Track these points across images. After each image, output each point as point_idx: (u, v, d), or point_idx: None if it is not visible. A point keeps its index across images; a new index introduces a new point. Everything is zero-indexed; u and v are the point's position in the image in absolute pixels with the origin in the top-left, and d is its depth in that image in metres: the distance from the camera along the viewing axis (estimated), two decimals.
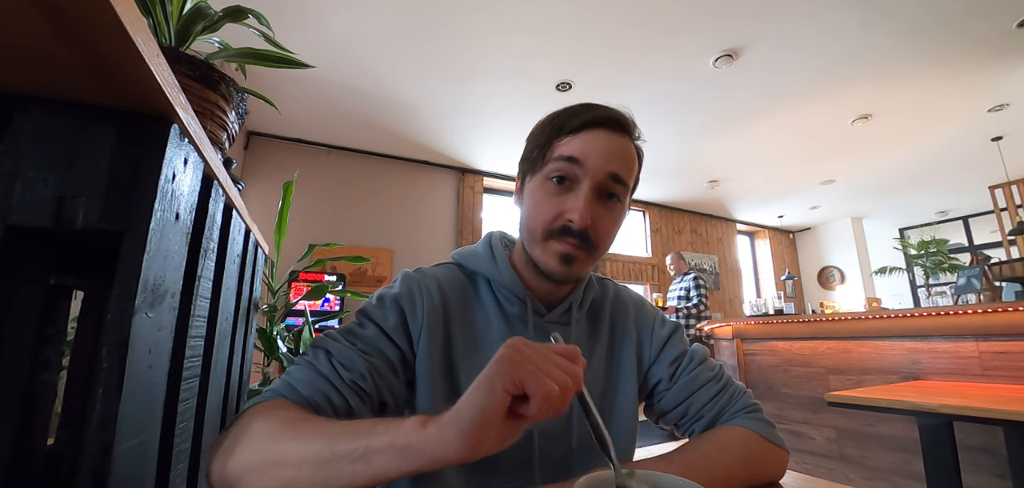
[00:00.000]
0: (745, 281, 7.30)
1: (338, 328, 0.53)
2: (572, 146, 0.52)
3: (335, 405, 0.45)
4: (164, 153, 0.42)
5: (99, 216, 0.39)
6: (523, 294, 0.58)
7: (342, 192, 4.14)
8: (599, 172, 0.51)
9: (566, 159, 0.51)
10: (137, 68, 0.34)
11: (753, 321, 2.61)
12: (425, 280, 0.58)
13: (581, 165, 0.51)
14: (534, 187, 0.55)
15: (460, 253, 0.64)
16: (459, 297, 0.59)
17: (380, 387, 0.49)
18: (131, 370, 0.39)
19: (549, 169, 0.53)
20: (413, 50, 2.84)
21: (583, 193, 0.51)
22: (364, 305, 0.55)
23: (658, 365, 0.62)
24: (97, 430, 0.37)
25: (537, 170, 0.55)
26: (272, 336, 1.49)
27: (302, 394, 0.44)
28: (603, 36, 2.73)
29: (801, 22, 2.63)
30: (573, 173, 0.52)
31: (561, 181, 0.52)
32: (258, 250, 0.97)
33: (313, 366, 0.47)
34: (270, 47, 0.77)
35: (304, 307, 1.85)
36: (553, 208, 0.52)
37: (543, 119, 0.57)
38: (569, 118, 0.53)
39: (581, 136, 0.52)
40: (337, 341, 0.49)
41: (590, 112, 0.53)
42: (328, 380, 0.46)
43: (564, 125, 0.53)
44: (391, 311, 0.54)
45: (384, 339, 0.52)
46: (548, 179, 0.53)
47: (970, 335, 1.81)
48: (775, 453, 0.55)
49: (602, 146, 0.52)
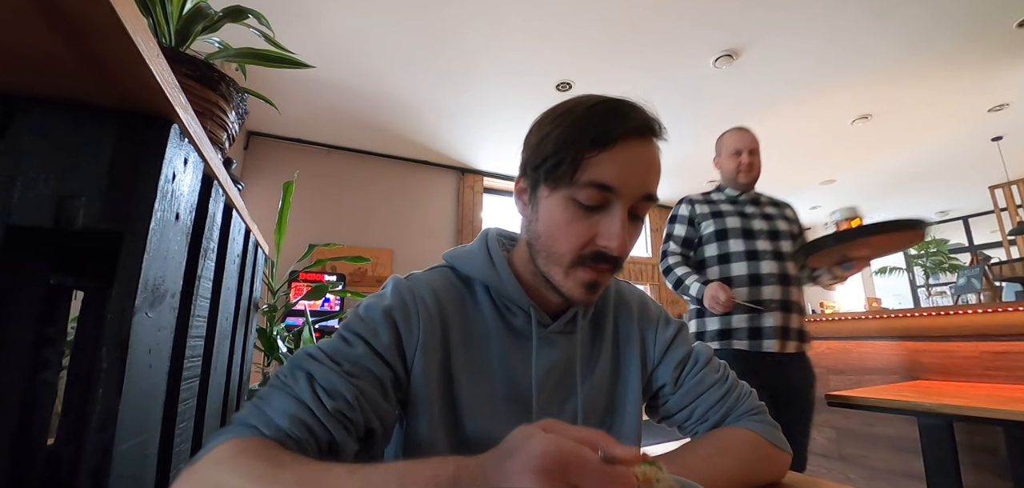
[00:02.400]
0: None
1: (322, 345, 0.47)
2: (608, 169, 0.45)
3: (317, 437, 0.40)
4: (164, 153, 0.42)
5: (99, 216, 0.39)
6: (527, 305, 0.54)
7: (342, 192, 4.14)
8: (635, 196, 0.47)
9: (600, 187, 0.45)
10: (137, 68, 0.34)
11: None
12: (419, 289, 0.52)
13: (615, 192, 0.46)
14: (555, 205, 0.48)
15: (453, 255, 0.58)
16: (456, 306, 0.54)
17: (368, 414, 0.44)
18: (131, 370, 0.39)
19: (580, 194, 0.46)
20: (413, 50, 2.84)
21: (619, 218, 0.46)
22: (351, 318, 0.49)
23: (663, 368, 0.60)
24: (97, 430, 0.37)
25: (560, 186, 0.47)
26: (272, 336, 1.49)
27: (280, 427, 0.39)
28: (603, 36, 2.73)
29: (801, 22, 2.63)
30: (607, 199, 0.46)
31: (593, 208, 0.47)
32: (258, 250, 0.97)
33: (292, 392, 0.41)
34: (270, 47, 0.77)
35: (304, 307, 1.85)
36: (583, 233, 0.47)
37: (561, 115, 0.49)
38: (601, 125, 0.46)
39: (616, 152, 0.45)
40: (320, 362, 0.44)
41: (625, 120, 0.46)
42: (309, 409, 0.40)
43: (596, 136, 0.45)
44: (383, 327, 0.48)
45: (374, 359, 0.46)
46: (574, 200, 0.47)
47: (970, 335, 1.81)
48: (778, 456, 0.55)
49: (639, 162, 0.47)
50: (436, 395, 0.49)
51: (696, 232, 1.56)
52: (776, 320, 1.40)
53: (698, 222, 1.56)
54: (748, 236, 1.47)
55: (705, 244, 1.54)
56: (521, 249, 0.55)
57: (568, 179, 0.46)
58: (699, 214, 1.56)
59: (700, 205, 1.58)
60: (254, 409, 0.40)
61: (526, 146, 0.53)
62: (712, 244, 1.52)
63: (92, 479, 0.36)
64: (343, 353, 0.45)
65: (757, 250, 1.46)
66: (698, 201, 1.59)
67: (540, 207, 0.50)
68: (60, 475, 0.42)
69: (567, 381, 0.55)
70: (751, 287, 1.42)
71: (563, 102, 0.51)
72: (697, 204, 1.58)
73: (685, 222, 1.59)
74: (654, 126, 0.48)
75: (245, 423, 0.39)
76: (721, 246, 1.50)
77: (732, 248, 1.47)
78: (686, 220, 1.59)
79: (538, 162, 0.49)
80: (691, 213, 1.58)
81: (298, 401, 0.41)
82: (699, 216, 1.56)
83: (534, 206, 0.51)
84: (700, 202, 1.59)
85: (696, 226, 1.56)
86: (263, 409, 0.40)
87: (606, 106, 0.47)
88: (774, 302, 1.41)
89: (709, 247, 1.52)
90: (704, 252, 1.54)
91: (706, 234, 1.54)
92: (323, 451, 0.41)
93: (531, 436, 0.28)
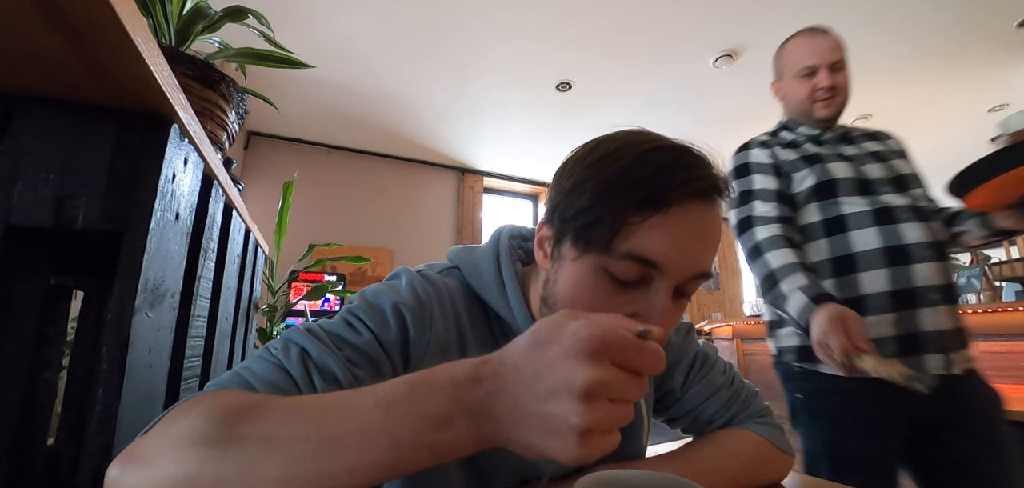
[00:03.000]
0: (745, 281, 7.30)
1: (322, 324, 0.42)
2: (656, 241, 0.35)
3: None
4: (164, 153, 0.42)
5: (99, 216, 0.39)
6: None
7: (342, 192, 4.14)
8: (686, 276, 0.37)
9: (641, 261, 0.36)
10: (137, 68, 0.34)
11: (753, 321, 2.60)
12: (438, 293, 0.47)
13: (661, 270, 0.36)
14: (581, 272, 0.39)
15: (462, 260, 0.52)
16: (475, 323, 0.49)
17: None
18: (131, 370, 0.39)
19: (615, 266, 0.37)
20: (413, 50, 2.84)
21: (661, 301, 0.37)
22: (358, 303, 0.44)
23: (672, 371, 0.58)
24: (97, 430, 0.37)
25: (591, 251, 0.38)
26: (272, 336, 1.49)
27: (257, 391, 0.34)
28: (603, 36, 2.73)
29: (802, 22, 2.63)
30: (648, 275, 0.37)
31: (630, 284, 0.37)
32: (258, 250, 0.97)
33: (280, 364, 0.36)
34: (270, 47, 0.77)
35: (304, 307, 1.85)
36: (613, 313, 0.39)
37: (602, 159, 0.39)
38: (654, 181, 0.36)
39: (670, 219, 0.35)
40: (319, 341, 0.38)
41: (687, 177, 0.36)
42: (295, 384, 0.35)
43: (647, 196, 0.35)
44: (393, 321, 0.43)
45: (379, 350, 0.41)
46: (607, 271, 0.37)
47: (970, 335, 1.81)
48: (782, 459, 0.55)
49: (697, 235, 0.37)
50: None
51: (787, 186, 0.97)
52: (940, 321, 0.83)
53: (787, 172, 0.97)
54: (866, 190, 0.90)
55: (802, 207, 0.95)
56: (537, 294, 0.47)
57: (603, 245, 0.36)
58: (784, 161, 0.98)
59: (781, 149, 1.00)
60: (234, 375, 0.36)
61: (556, 188, 0.43)
62: (813, 206, 0.93)
63: (92, 479, 0.37)
64: (346, 338, 0.40)
65: (890, 208, 0.88)
66: (774, 144, 1.02)
67: (563, 268, 0.40)
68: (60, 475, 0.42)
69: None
70: (893, 269, 0.84)
71: (607, 138, 0.41)
72: (775, 147, 1.01)
73: (769, 171, 0.98)
74: (721, 185, 0.38)
75: (219, 384, 0.35)
76: (827, 207, 0.91)
77: (846, 209, 0.90)
78: (771, 169, 0.98)
79: (569, 215, 0.39)
80: (774, 158, 0.99)
81: (285, 373, 0.36)
82: (786, 164, 0.98)
83: (556, 263, 0.41)
84: (778, 145, 1.01)
85: (786, 178, 0.97)
86: (242, 374, 0.35)
87: (663, 155, 0.37)
88: (934, 292, 0.83)
89: (809, 210, 0.94)
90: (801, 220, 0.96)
91: (803, 191, 0.94)
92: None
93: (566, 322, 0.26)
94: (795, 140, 1.03)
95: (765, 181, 0.97)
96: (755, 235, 0.92)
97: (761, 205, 0.94)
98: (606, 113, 3.67)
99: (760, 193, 0.96)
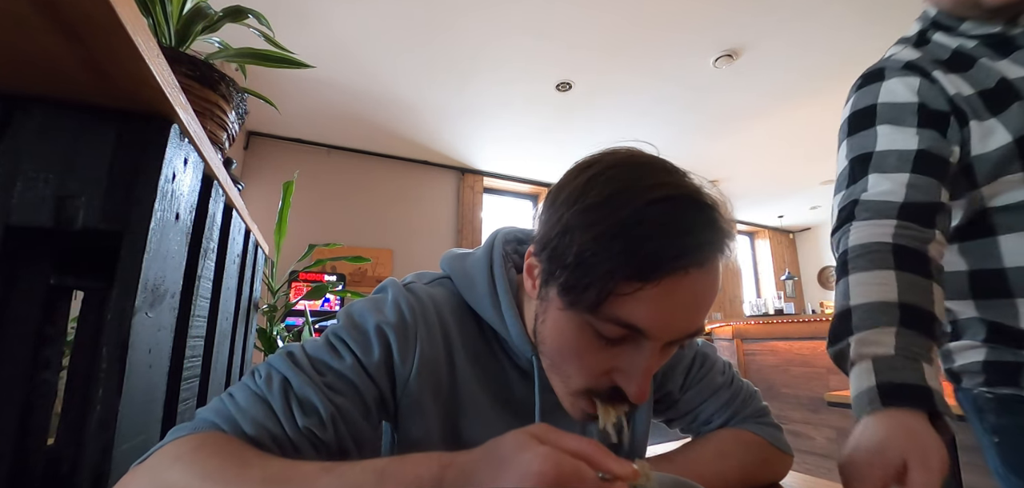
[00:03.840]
0: (745, 281, 7.30)
1: (306, 347, 0.42)
2: (644, 311, 0.33)
3: (282, 448, 0.36)
4: (164, 153, 0.42)
5: (99, 216, 0.39)
6: (529, 357, 0.46)
7: (342, 192, 4.15)
8: (673, 337, 0.36)
9: (627, 327, 0.34)
10: (137, 68, 0.34)
11: (753, 321, 2.61)
12: (424, 308, 0.46)
13: (647, 334, 0.35)
14: (567, 325, 0.37)
15: (454, 270, 0.50)
16: (464, 331, 0.48)
17: (342, 435, 0.39)
18: (131, 370, 0.39)
19: (602, 328, 0.35)
20: (413, 50, 2.84)
21: (645, 363, 0.35)
22: (343, 322, 0.44)
23: (671, 373, 0.57)
24: (97, 430, 0.37)
25: (578, 306, 0.35)
26: (272, 336, 1.49)
27: (243, 431, 0.35)
28: (603, 36, 2.73)
29: (801, 22, 2.63)
30: (634, 337, 0.35)
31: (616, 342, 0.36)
32: (258, 250, 0.97)
33: (262, 395, 0.37)
34: (270, 47, 0.77)
35: (304, 307, 1.85)
36: (599, 365, 0.38)
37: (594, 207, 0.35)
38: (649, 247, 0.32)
39: (661, 290, 0.33)
40: (300, 370, 0.39)
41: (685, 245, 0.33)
42: (277, 419, 0.36)
43: (640, 265, 0.32)
44: (376, 343, 0.42)
45: (362, 375, 0.41)
46: (593, 327, 0.36)
47: None
48: (780, 459, 0.55)
49: (689, 304, 0.35)
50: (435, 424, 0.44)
51: (948, 144, 0.54)
52: None
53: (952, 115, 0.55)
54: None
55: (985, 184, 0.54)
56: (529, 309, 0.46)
57: (591, 300, 0.34)
58: (945, 93, 0.56)
59: (939, 71, 0.58)
60: (220, 405, 0.37)
61: (545, 219, 0.40)
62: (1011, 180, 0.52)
63: (92, 479, 0.37)
64: (328, 364, 0.41)
65: None
66: (924, 63, 0.60)
67: (550, 312, 0.39)
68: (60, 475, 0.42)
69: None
70: None
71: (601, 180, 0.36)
72: (925, 72, 0.59)
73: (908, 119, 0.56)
74: (726, 245, 0.35)
75: (207, 419, 0.36)
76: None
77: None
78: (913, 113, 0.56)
79: (556, 264, 0.37)
80: (922, 94, 0.57)
81: (267, 407, 0.37)
82: (958, 96, 0.55)
83: (544, 302, 0.40)
84: (932, 64, 0.59)
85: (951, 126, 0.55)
86: (228, 407, 0.37)
87: (660, 214, 0.33)
88: None
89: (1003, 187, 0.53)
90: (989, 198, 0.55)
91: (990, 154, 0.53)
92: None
93: (526, 447, 0.26)
94: (961, 49, 0.58)
95: (897, 137, 0.55)
96: (848, 238, 0.54)
97: (878, 183, 0.54)
98: (606, 113, 3.67)
99: (883, 160, 0.55)
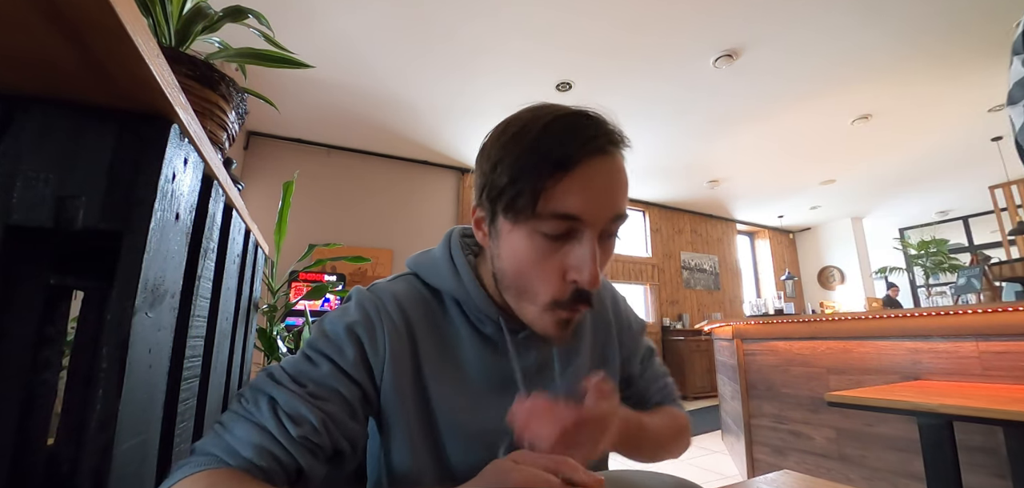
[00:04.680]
0: (745, 281, 7.30)
1: (285, 365, 0.45)
2: (571, 198, 0.42)
3: (284, 465, 0.39)
4: (164, 153, 0.42)
5: (99, 216, 0.39)
6: (496, 315, 0.51)
7: (342, 192, 4.14)
8: (604, 221, 0.43)
9: (565, 217, 0.42)
10: (137, 68, 0.34)
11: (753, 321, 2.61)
12: (383, 300, 0.50)
13: (582, 222, 0.42)
14: (518, 241, 0.44)
15: (417, 263, 0.56)
16: (423, 315, 0.52)
17: (335, 436, 0.43)
18: (131, 370, 0.39)
19: (545, 227, 0.43)
20: (413, 50, 2.84)
21: (590, 249, 0.43)
22: (315, 335, 0.48)
23: (632, 359, 0.67)
24: (97, 430, 0.37)
25: (521, 220, 0.43)
26: (272, 336, 1.49)
27: (245, 457, 0.38)
28: (603, 36, 2.73)
29: (801, 22, 2.63)
30: (574, 227, 0.43)
31: (561, 237, 0.43)
32: (258, 250, 0.97)
33: (255, 419, 0.40)
34: (270, 47, 0.77)
35: (304, 307, 1.85)
36: (554, 269, 0.44)
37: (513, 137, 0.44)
38: (560, 147, 0.42)
39: (579, 175, 0.42)
40: (283, 386, 0.42)
41: (586, 137, 0.42)
42: (273, 437, 0.39)
43: (557, 160, 0.41)
44: (347, 344, 0.46)
45: (341, 377, 0.45)
46: (539, 233, 0.43)
47: (970, 335, 1.81)
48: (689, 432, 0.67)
49: (605, 186, 0.43)
50: (411, 406, 0.48)
51: None
52: None
53: None
54: None
55: None
56: (487, 268, 0.52)
57: (529, 211, 0.42)
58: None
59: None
60: (216, 438, 0.40)
61: (479, 171, 0.48)
62: None
63: (92, 479, 0.37)
64: (307, 374, 0.44)
65: None
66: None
67: (502, 242, 0.46)
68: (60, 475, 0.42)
69: (544, 379, 0.55)
70: None
71: (514, 118, 0.46)
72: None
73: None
74: (616, 138, 0.44)
75: (208, 453, 0.38)
76: None
77: None
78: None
79: (494, 193, 0.45)
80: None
81: (262, 429, 0.40)
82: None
83: (495, 239, 0.47)
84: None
85: None
86: (225, 438, 0.39)
87: (563, 123, 0.43)
88: None
89: None
90: None
91: None
92: (291, 478, 0.40)
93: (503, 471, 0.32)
94: None
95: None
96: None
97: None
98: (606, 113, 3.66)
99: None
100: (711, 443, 3.48)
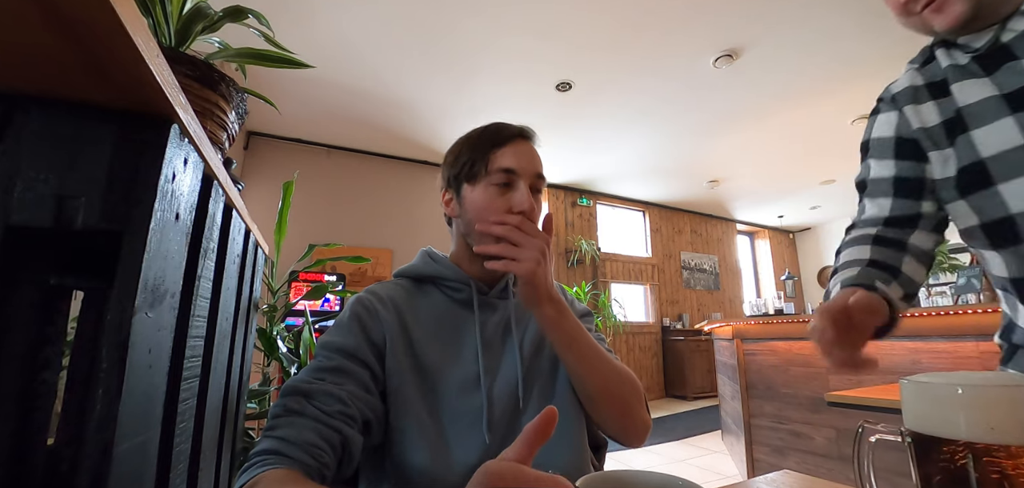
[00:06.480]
0: (745, 281, 7.31)
1: (305, 372, 0.55)
2: (508, 158, 0.64)
3: (331, 442, 0.48)
4: (164, 153, 0.42)
5: (99, 216, 0.39)
6: (467, 280, 0.68)
7: (342, 192, 4.14)
8: (530, 175, 0.65)
9: (505, 170, 0.64)
10: (137, 68, 0.34)
11: (753, 321, 2.61)
12: (375, 293, 0.65)
13: (517, 173, 0.64)
14: (477, 194, 0.65)
15: (401, 271, 0.73)
16: (408, 298, 0.67)
17: (362, 408, 0.54)
18: (131, 370, 0.39)
19: (494, 178, 0.64)
20: (413, 50, 2.84)
21: (524, 189, 0.64)
22: (322, 341, 0.59)
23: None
24: (97, 430, 0.37)
25: (478, 179, 0.65)
26: (272, 336, 1.49)
27: (299, 446, 0.46)
28: (603, 36, 2.73)
29: (801, 22, 2.63)
30: (512, 180, 0.64)
31: (504, 186, 0.64)
32: (258, 250, 0.97)
33: (297, 413, 0.49)
34: (270, 47, 0.77)
35: (304, 307, 1.85)
36: (502, 206, 0.63)
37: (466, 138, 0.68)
38: (496, 134, 0.66)
39: (511, 148, 0.65)
40: (310, 383, 0.53)
41: (513, 130, 0.67)
42: (316, 420, 0.49)
43: (496, 140, 0.65)
44: (351, 332, 0.59)
45: (353, 362, 0.56)
46: (491, 185, 0.64)
47: (970, 335, 1.81)
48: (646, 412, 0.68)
49: (528, 153, 0.66)
50: (409, 373, 0.60)
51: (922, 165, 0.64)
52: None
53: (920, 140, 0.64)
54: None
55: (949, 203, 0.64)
56: (459, 246, 0.71)
57: (483, 172, 0.64)
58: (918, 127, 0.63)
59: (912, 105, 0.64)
60: (271, 440, 0.47)
61: (445, 167, 0.70)
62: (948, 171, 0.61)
63: (92, 479, 0.37)
64: (326, 368, 0.55)
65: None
66: (907, 94, 0.65)
67: (466, 202, 0.66)
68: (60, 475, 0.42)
69: (506, 332, 0.69)
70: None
71: (467, 133, 0.70)
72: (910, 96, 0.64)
73: (887, 150, 0.67)
74: (530, 132, 0.69)
75: (269, 452, 0.45)
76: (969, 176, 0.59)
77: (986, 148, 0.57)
78: (892, 145, 0.66)
79: (458, 171, 0.67)
80: (900, 125, 0.65)
81: (306, 417, 0.49)
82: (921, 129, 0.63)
83: (461, 204, 0.67)
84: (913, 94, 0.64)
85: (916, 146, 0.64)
86: (279, 436, 0.47)
87: (497, 125, 0.68)
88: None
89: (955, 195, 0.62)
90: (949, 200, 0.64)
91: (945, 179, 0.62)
92: (337, 452, 0.49)
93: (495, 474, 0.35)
94: (953, 66, 0.61)
95: (881, 168, 0.68)
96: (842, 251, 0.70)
97: (868, 209, 0.71)
98: (606, 113, 3.67)
99: (875, 187, 0.69)
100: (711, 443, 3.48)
